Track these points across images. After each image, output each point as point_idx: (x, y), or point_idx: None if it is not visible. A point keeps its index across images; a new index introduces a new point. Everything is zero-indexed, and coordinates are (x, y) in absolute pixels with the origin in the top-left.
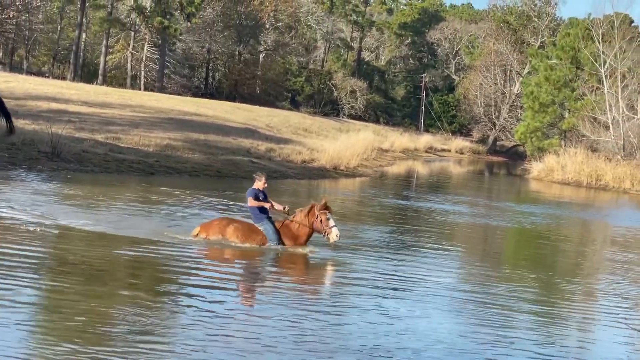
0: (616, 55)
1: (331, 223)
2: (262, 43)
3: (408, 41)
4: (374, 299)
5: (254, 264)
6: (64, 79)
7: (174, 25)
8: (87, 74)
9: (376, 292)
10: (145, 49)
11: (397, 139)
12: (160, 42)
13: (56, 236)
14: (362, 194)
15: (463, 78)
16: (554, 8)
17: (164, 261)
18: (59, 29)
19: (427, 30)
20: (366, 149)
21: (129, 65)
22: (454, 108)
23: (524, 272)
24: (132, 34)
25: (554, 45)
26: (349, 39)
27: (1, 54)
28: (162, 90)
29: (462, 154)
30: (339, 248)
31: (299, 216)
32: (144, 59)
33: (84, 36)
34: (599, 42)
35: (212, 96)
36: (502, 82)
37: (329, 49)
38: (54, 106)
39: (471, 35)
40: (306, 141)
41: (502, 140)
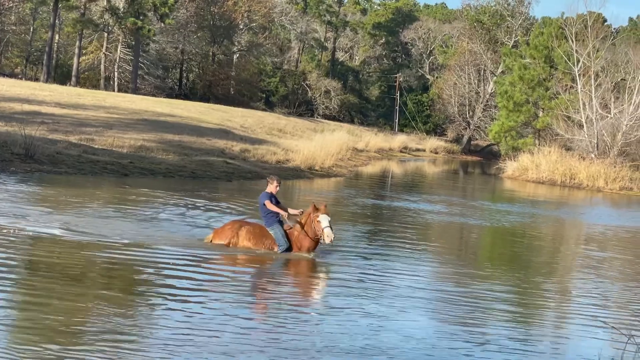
0: (589, 54)
1: (323, 224)
2: (236, 44)
3: (382, 41)
4: (351, 299)
5: (232, 266)
6: (37, 80)
7: (148, 26)
8: (60, 75)
9: (353, 292)
10: (118, 50)
11: (372, 139)
12: (133, 43)
13: (29, 238)
14: (337, 194)
15: (437, 78)
16: (527, 7)
17: (138, 264)
18: (31, 30)
19: (401, 30)
20: (341, 149)
21: (102, 67)
22: (428, 108)
23: (499, 270)
24: (106, 35)
25: (527, 44)
26: (323, 39)
27: None
28: (135, 91)
29: (436, 153)
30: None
31: (298, 226)
32: (117, 60)
33: (56, 37)
34: (572, 41)
35: (186, 97)
36: (476, 81)
37: (303, 49)
38: (27, 108)
39: (445, 35)
40: (281, 142)
41: (477, 139)
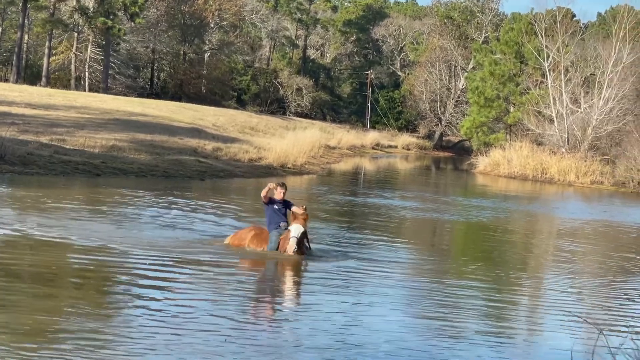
0: (559, 49)
1: (291, 233)
2: (207, 42)
3: (353, 38)
4: (324, 296)
5: (206, 266)
6: (6, 81)
7: (118, 26)
8: (30, 75)
9: (326, 289)
10: (89, 49)
11: (344, 136)
12: (104, 42)
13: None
14: (310, 192)
15: (408, 74)
16: (497, 3)
17: (111, 265)
18: (0, 30)
19: (371, 27)
20: (313, 146)
21: (72, 67)
22: (400, 104)
23: (473, 265)
24: (76, 34)
25: (497, 40)
26: (294, 37)
27: None
28: (107, 91)
29: (408, 149)
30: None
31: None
32: (88, 60)
33: (26, 38)
34: (542, 37)
35: (157, 96)
36: (447, 77)
37: (274, 47)
38: None
39: (416, 31)
40: (253, 140)
41: (448, 135)
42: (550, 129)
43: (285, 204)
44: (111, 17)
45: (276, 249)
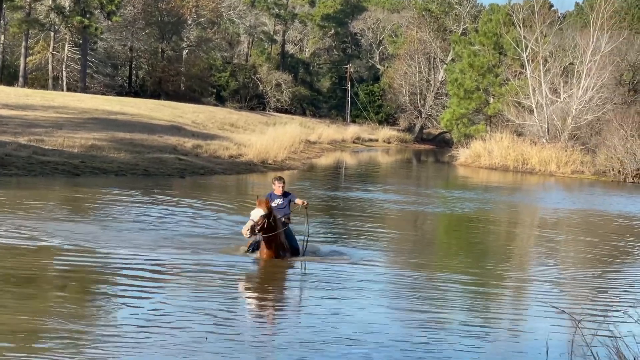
0: (537, 39)
1: (251, 217)
2: (185, 39)
3: (331, 32)
4: (310, 292)
5: (189, 265)
6: None
7: (95, 24)
8: (7, 76)
9: (311, 285)
10: (66, 49)
11: (324, 130)
12: (81, 41)
13: None
14: (292, 187)
15: (388, 67)
16: None
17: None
18: None
19: (349, 21)
20: (293, 141)
21: (50, 66)
22: (379, 98)
23: (456, 257)
24: (52, 34)
25: (476, 31)
26: (272, 33)
27: None
28: (85, 90)
29: (389, 143)
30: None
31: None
32: (65, 59)
33: (2, 38)
34: (520, 27)
35: (136, 94)
36: (426, 70)
37: (252, 43)
38: None
39: (394, 24)
40: (233, 136)
41: (429, 128)
42: (530, 119)
43: (286, 196)
44: (88, 15)
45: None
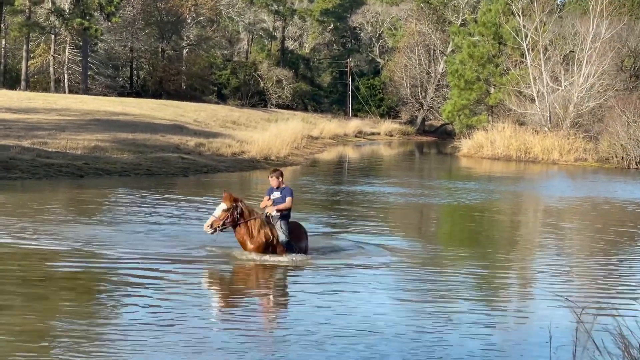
0: (537, 28)
1: (214, 213)
2: (185, 38)
3: (331, 27)
4: (316, 287)
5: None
6: None
7: (95, 26)
8: (9, 80)
9: (318, 279)
10: (67, 51)
11: (326, 125)
12: (81, 43)
13: None
14: (295, 183)
15: (388, 61)
16: None
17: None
18: None
19: (349, 15)
20: (296, 137)
21: (51, 69)
22: (380, 91)
23: (461, 248)
24: (53, 37)
25: (475, 22)
26: (271, 29)
27: None
28: (86, 91)
29: (391, 136)
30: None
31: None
32: (66, 62)
33: (3, 42)
34: (519, 17)
35: (138, 95)
36: (426, 62)
37: (252, 40)
38: None
39: (393, 17)
40: (235, 134)
41: (431, 119)
42: (531, 108)
43: (283, 192)
44: (87, 17)
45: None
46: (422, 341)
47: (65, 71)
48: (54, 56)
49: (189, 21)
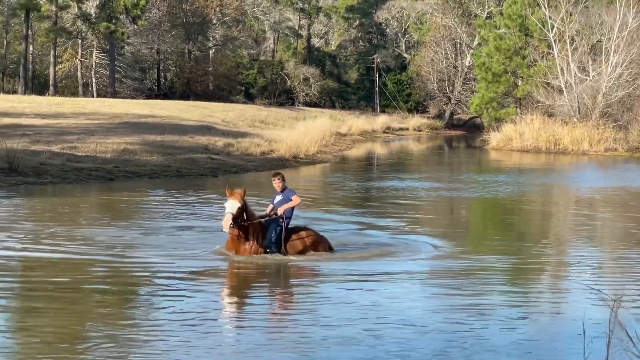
0: (563, 19)
1: (226, 209)
2: (211, 39)
3: (356, 24)
4: (348, 284)
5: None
6: (14, 92)
7: (121, 29)
8: (38, 85)
9: (351, 277)
10: (94, 55)
11: (354, 122)
12: (108, 47)
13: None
14: (325, 180)
15: (414, 55)
16: None
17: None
18: (5, 43)
19: (374, 11)
20: (324, 134)
21: (79, 74)
22: (408, 86)
23: (492, 240)
24: (80, 41)
25: (501, 14)
26: (297, 27)
27: None
28: (114, 95)
29: (420, 131)
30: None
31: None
32: (93, 66)
33: (31, 48)
34: (545, 8)
35: (165, 96)
36: (453, 56)
37: (278, 39)
38: (7, 121)
39: (418, 12)
40: (264, 133)
41: (459, 113)
42: (560, 99)
43: (285, 194)
44: (113, 21)
45: (279, 241)
46: (456, 334)
47: (93, 75)
48: (81, 61)
49: (214, 22)
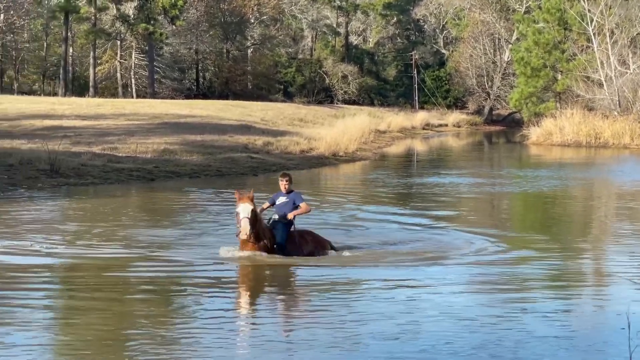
0: (602, 12)
1: (241, 214)
2: (249, 38)
3: (394, 21)
4: (394, 281)
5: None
6: (55, 95)
7: (159, 30)
8: (78, 87)
9: (391, 273)
10: (133, 56)
11: (393, 119)
12: (147, 48)
13: (69, 257)
14: (365, 177)
15: (453, 51)
16: None
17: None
18: (45, 45)
19: (411, 8)
20: (363, 132)
21: (118, 75)
22: (446, 82)
23: (536, 235)
24: (119, 42)
25: (539, 8)
26: (335, 25)
27: None
28: (154, 95)
29: (459, 127)
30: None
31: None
32: (133, 67)
33: (70, 50)
34: (584, 1)
35: (204, 96)
36: (491, 51)
37: (316, 37)
38: (48, 123)
39: (456, 7)
40: (303, 131)
41: (498, 109)
42: (600, 93)
43: (291, 196)
44: (152, 22)
45: (285, 242)
46: (497, 328)
47: (132, 76)
48: (120, 62)
49: (252, 21)
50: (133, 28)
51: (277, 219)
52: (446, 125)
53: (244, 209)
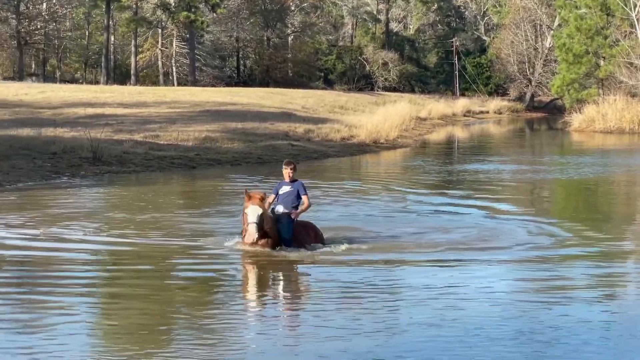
0: None
1: (250, 218)
2: (290, 26)
3: (434, 7)
4: (431, 270)
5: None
6: (97, 83)
7: (200, 18)
8: (119, 75)
9: (429, 264)
10: (174, 44)
11: (434, 106)
12: (188, 36)
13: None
14: (407, 164)
15: (494, 38)
16: None
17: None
18: (87, 34)
19: None
20: (404, 119)
21: (159, 63)
22: (487, 69)
23: (579, 222)
24: (160, 31)
25: None
26: (375, 12)
27: (33, 66)
28: (195, 83)
29: (500, 114)
30: (393, 217)
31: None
32: (174, 55)
33: (112, 39)
34: None
35: (245, 84)
36: (533, 37)
37: (356, 24)
38: (90, 111)
39: None
40: (343, 118)
41: (540, 95)
42: None
43: (295, 185)
44: (193, 10)
45: (291, 237)
46: (539, 320)
47: (173, 64)
48: (161, 50)
49: (292, 8)
50: (174, 16)
51: (280, 212)
52: (487, 112)
53: (253, 213)
